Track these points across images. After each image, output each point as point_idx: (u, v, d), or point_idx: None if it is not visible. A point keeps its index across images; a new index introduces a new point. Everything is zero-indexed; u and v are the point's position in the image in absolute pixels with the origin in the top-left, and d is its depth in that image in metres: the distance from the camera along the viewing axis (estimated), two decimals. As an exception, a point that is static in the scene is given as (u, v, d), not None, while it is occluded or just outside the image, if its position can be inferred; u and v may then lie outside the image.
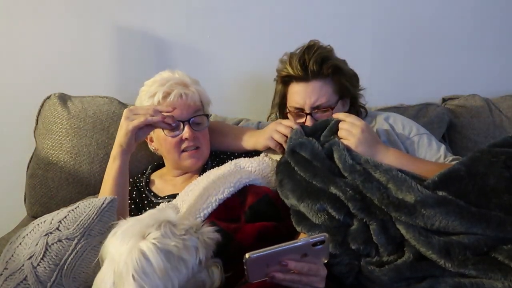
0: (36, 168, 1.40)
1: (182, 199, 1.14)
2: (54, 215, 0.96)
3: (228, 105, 1.66)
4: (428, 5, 1.81)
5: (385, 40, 1.81)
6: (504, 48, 1.89)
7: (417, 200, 0.97)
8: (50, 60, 1.61)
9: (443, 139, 1.69)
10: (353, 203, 1.03)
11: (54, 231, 0.91)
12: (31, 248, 0.89)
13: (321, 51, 1.32)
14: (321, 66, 1.29)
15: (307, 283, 0.85)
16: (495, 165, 1.00)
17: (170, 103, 1.22)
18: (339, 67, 1.33)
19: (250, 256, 0.79)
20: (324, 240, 0.84)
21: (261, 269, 0.82)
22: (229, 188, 1.10)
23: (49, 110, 1.44)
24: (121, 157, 1.10)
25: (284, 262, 0.82)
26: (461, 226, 0.95)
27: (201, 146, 1.27)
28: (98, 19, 1.62)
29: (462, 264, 0.93)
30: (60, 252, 0.89)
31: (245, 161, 1.25)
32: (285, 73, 1.34)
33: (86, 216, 0.93)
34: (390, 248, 1.01)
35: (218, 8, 1.69)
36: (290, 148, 1.17)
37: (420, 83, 1.86)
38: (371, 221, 1.02)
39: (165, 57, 1.69)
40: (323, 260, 0.87)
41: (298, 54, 1.32)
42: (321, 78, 1.31)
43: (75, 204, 0.98)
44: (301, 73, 1.30)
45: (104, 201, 0.96)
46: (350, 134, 1.16)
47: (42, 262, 0.87)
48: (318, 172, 1.10)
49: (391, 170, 1.04)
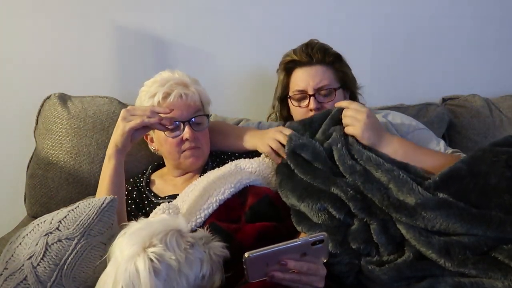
0: (36, 168, 1.40)
1: (183, 199, 1.14)
2: (54, 215, 0.95)
3: (228, 105, 1.66)
4: (428, 5, 1.81)
5: (385, 40, 1.81)
6: (504, 48, 1.89)
7: (418, 203, 0.97)
8: (50, 60, 1.61)
9: (443, 139, 1.69)
10: (354, 203, 1.03)
11: (54, 231, 0.90)
12: (31, 248, 0.89)
13: (323, 44, 1.39)
14: (324, 54, 1.35)
15: (306, 283, 0.85)
16: (497, 165, 1.00)
17: (170, 103, 1.22)
18: (341, 57, 1.39)
19: (250, 255, 0.79)
20: (323, 239, 0.84)
21: (261, 269, 0.82)
22: (229, 188, 1.10)
23: (49, 110, 1.44)
24: (116, 157, 1.10)
25: (284, 261, 0.82)
26: (462, 228, 0.95)
27: (202, 146, 1.27)
28: (98, 19, 1.62)
29: (462, 264, 0.93)
30: (60, 252, 0.88)
31: (246, 162, 1.25)
32: (289, 59, 1.39)
33: (86, 216, 0.93)
34: (391, 247, 1.01)
35: (218, 8, 1.69)
36: (291, 150, 1.16)
37: (420, 83, 1.86)
38: (371, 220, 1.02)
39: (165, 57, 1.69)
40: (323, 259, 0.87)
41: (301, 46, 1.39)
42: (324, 64, 1.36)
43: (75, 204, 0.97)
44: (305, 59, 1.35)
45: (104, 201, 0.95)
46: (355, 120, 1.14)
47: (42, 262, 0.87)
48: (318, 174, 1.10)
49: (392, 170, 1.04)
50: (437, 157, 1.15)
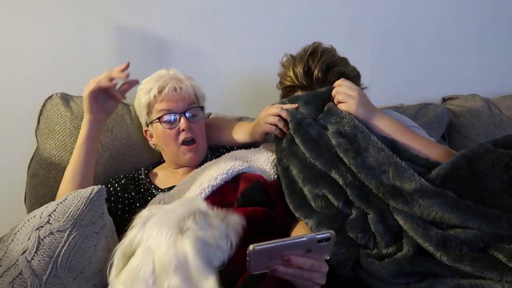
0: (38, 168, 1.40)
1: (179, 189, 1.17)
2: (43, 210, 0.96)
3: (228, 104, 1.67)
4: (428, 5, 1.82)
5: (385, 40, 1.81)
6: (504, 48, 1.89)
7: (416, 189, 0.98)
8: (50, 60, 1.60)
9: (443, 139, 1.70)
10: (351, 189, 1.04)
11: (45, 224, 0.91)
12: (24, 243, 0.89)
13: (326, 57, 1.27)
14: (327, 74, 1.25)
15: (308, 278, 0.85)
16: (497, 167, 1.01)
17: (165, 96, 1.26)
18: (344, 73, 1.28)
19: (254, 248, 0.79)
20: (330, 237, 0.83)
21: (263, 261, 0.82)
22: (221, 175, 1.12)
23: (51, 110, 1.43)
24: (88, 125, 1.20)
25: (287, 257, 0.82)
26: (457, 219, 0.95)
27: (197, 139, 1.29)
28: (98, 19, 1.62)
29: (459, 259, 0.93)
30: (53, 244, 0.89)
31: (241, 152, 1.28)
32: (288, 83, 1.30)
33: (75, 207, 0.93)
34: (388, 237, 1.01)
35: (218, 8, 1.69)
36: (298, 121, 1.16)
37: (420, 83, 1.86)
38: (368, 209, 1.02)
39: (165, 57, 1.69)
40: (326, 256, 0.87)
41: (302, 61, 1.26)
42: (327, 85, 1.25)
43: (63, 196, 0.98)
44: (305, 83, 1.26)
45: (92, 191, 0.96)
46: (348, 96, 1.16)
47: (36, 256, 0.87)
48: (322, 153, 1.10)
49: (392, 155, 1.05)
50: (425, 141, 1.17)
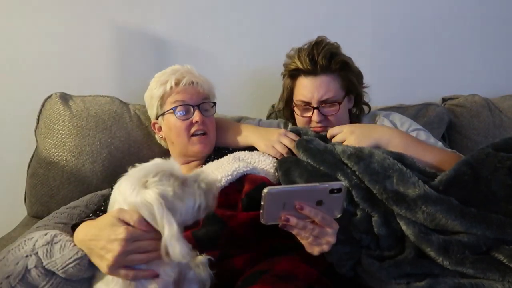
0: (38, 167, 1.40)
1: None
2: (41, 235, 0.92)
3: (228, 103, 1.66)
4: (428, 5, 1.82)
5: (385, 40, 1.82)
6: (504, 48, 1.90)
7: (419, 195, 0.97)
8: (50, 59, 1.61)
9: (443, 139, 1.70)
10: (356, 191, 1.03)
11: (34, 255, 0.89)
12: (11, 266, 0.88)
13: (330, 47, 1.34)
14: (330, 61, 1.31)
15: (318, 234, 0.85)
16: (500, 171, 1.00)
17: (182, 88, 1.28)
18: (347, 63, 1.35)
19: (270, 190, 0.79)
20: (341, 188, 0.82)
21: (277, 209, 0.81)
22: (226, 176, 1.11)
23: (50, 110, 1.43)
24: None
25: (299, 204, 0.81)
26: (461, 226, 0.95)
27: (209, 132, 1.31)
28: (98, 19, 1.62)
29: (460, 263, 0.93)
30: (37, 280, 0.87)
31: (244, 153, 1.27)
32: (293, 67, 1.36)
33: (60, 261, 0.88)
34: (391, 240, 1.01)
35: (218, 7, 1.70)
36: (303, 140, 1.17)
37: (420, 83, 1.86)
38: (373, 212, 1.02)
39: (165, 56, 1.69)
40: (336, 214, 0.86)
41: (307, 48, 1.34)
42: (329, 73, 1.32)
43: (58, 236, 0.91)
44: (309, 67, 1.31)
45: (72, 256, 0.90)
46: (345, 134, 1.18)
47: (19, 285, 0.86)
48: (326, 159, 1.10)
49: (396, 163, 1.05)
50: (437, 152, 1.16)
